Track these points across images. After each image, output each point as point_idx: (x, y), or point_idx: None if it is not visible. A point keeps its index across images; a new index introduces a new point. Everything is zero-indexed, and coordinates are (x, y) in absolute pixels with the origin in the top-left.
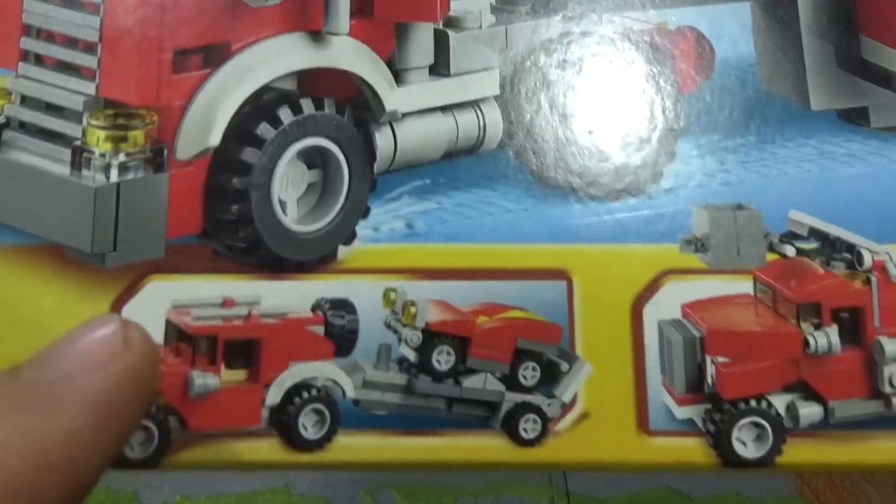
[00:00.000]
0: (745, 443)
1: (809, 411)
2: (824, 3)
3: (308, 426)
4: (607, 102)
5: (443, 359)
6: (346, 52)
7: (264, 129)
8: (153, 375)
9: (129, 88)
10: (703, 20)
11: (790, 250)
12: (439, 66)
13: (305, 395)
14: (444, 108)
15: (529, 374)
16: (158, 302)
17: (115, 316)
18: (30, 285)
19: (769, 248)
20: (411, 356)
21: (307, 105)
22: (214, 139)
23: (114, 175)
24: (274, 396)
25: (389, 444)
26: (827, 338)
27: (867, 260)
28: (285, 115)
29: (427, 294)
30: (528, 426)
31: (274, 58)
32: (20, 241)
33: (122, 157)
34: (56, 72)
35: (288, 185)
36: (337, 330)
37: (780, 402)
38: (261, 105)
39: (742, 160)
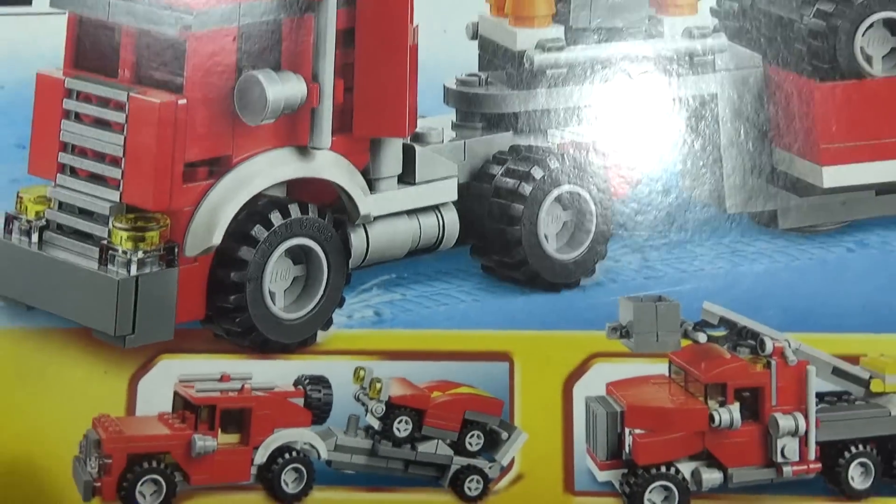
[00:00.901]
0: (655, 503)
1: (711, 477)
2: (743, 119)
3: (289, 482)
4: (549, 208)
5: (402, 427)
6: (328, 164)
7: (258, 231)
8: None
9: (147, 196)
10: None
11: (702, 337)
12: (406, 176)
13: (287, 456)
14: (410, 212)
15: (475, 441)
16: (168, 377)
17: None
18: (62, 361)
19: (684, 335)
20: (376, 425)
21: (294, 210)
22: (217, 239)
23: (133, 269)
24: (261, 457)
25: (355, 499)
26: (730, 414)
27: (769, 346)
28: (276, 218)
29: (391, 372)
30: (472, 485)
31: (267, 169)
32: (55, 324)
33: (140, 255)
34: (87, 182)
35: (277, 278)
36: (314, 402)
37: (686, 468)
38: (255, 210)
39: (664, 257)
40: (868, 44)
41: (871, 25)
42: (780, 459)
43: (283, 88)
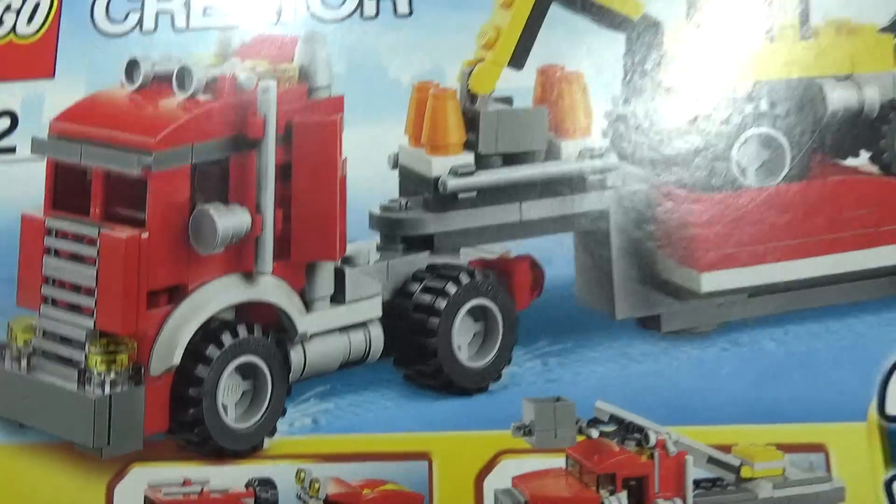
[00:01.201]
0: None
1: None
2: (631, 232)
3: None
4: (461, 321)
5: None
6: (270, 288)
7: (212, 351)
8: None
9: (116, 322)
10: (536, 249)
11: (594, 433)
12: (337, 295)
13: None
14: (341, 329)
15: None
16: (139, 483)
17: None
18: (49, 472)
19: (579, 432)
20: None
21: (242, 331)
22: (177, 359)
23: (107, 389)
24: None
25: None
26: (618, 501)
27: (652, 439)
28: (227, 339)
29: (327, 473)
30: None
31: (218, 295)
32: (43, 440)
33: (112, 376)
34: (66, 311)
35: (228, 392)
36: (263, 501)
37: None
38: (209, 331)
39: (561, 362)
40: (743, 157)
41: (745, 141)
42: None
43: (231, 220)
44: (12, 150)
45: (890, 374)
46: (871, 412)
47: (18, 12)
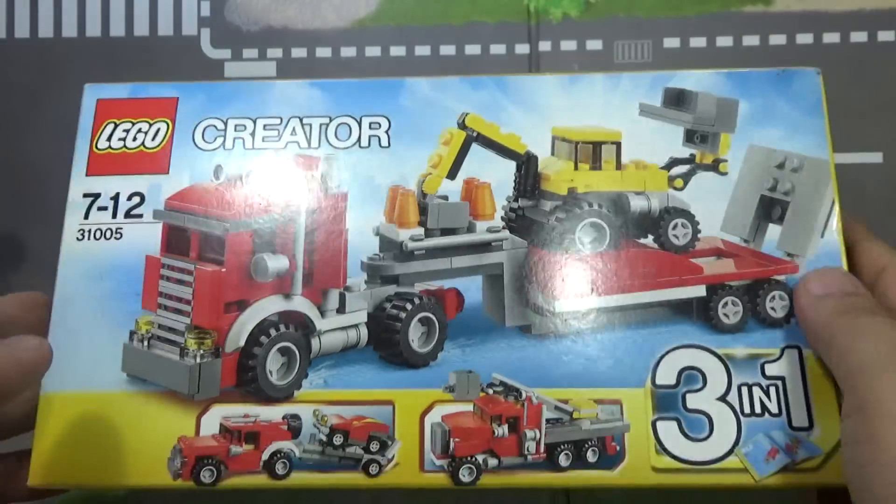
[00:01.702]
0: (464, 476)
1: (492, 462)
2: (516, 276)
3: (280, 469)
4: (414, 325)
5: (337, 440)
6: (301, 303)
7: (263, 339)
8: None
9: (204, 320)
10: (460, 284)
11: (490, 392)
12: (340, 308)
13: (278, 455)
14: (343, 328)
15: (375, 446)
16: (218, 415)
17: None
18: (162, 408)
19: (482, 391)
20: (324, 438)
21: (283, 328)
22: (242, 342)
23: (198, 359)
24: (265, 456)
25: (315, 477)
26: (502, 430)
27: (524, 395)
28: (273, 332)
29: (333, 411)
30: (373, 469)
31: (268, 306)
32: (158, 389)
33: (201, 352)
34: (173, 312)
35: (273, 363)
36: (292, 427)
37: (480, 457)
38: (262, 327)
39: (473, 350)
40: (582, 234)
41: (584, 225)
42: (526, 452)
43: (277, 263)
44: (141, 216)
45: (659, 361)
46: (647, 382)
47: (146, 133)
